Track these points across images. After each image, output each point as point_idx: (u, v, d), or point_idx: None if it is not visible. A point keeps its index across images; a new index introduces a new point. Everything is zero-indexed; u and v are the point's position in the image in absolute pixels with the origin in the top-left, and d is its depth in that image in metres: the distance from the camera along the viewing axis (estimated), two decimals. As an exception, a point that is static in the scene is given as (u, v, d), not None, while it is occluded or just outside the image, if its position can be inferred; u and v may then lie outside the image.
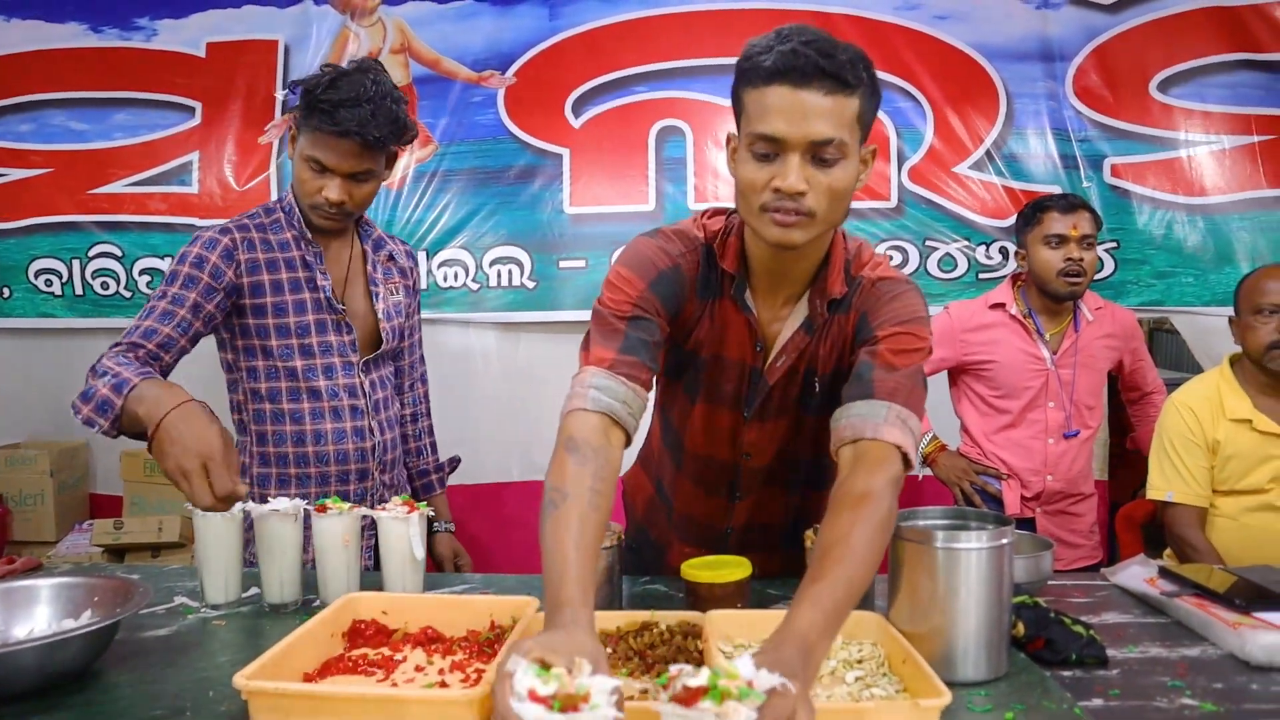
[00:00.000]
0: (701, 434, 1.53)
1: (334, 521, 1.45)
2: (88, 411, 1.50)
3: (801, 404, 1.47)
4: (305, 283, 1.80)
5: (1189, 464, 2.10)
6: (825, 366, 1.42)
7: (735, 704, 0.74)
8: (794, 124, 1.17)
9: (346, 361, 1.84)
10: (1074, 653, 1.24)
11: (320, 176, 1.71)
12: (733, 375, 1.45)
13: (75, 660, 1.17)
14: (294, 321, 1.79)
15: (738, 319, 1.41)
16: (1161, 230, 3.38)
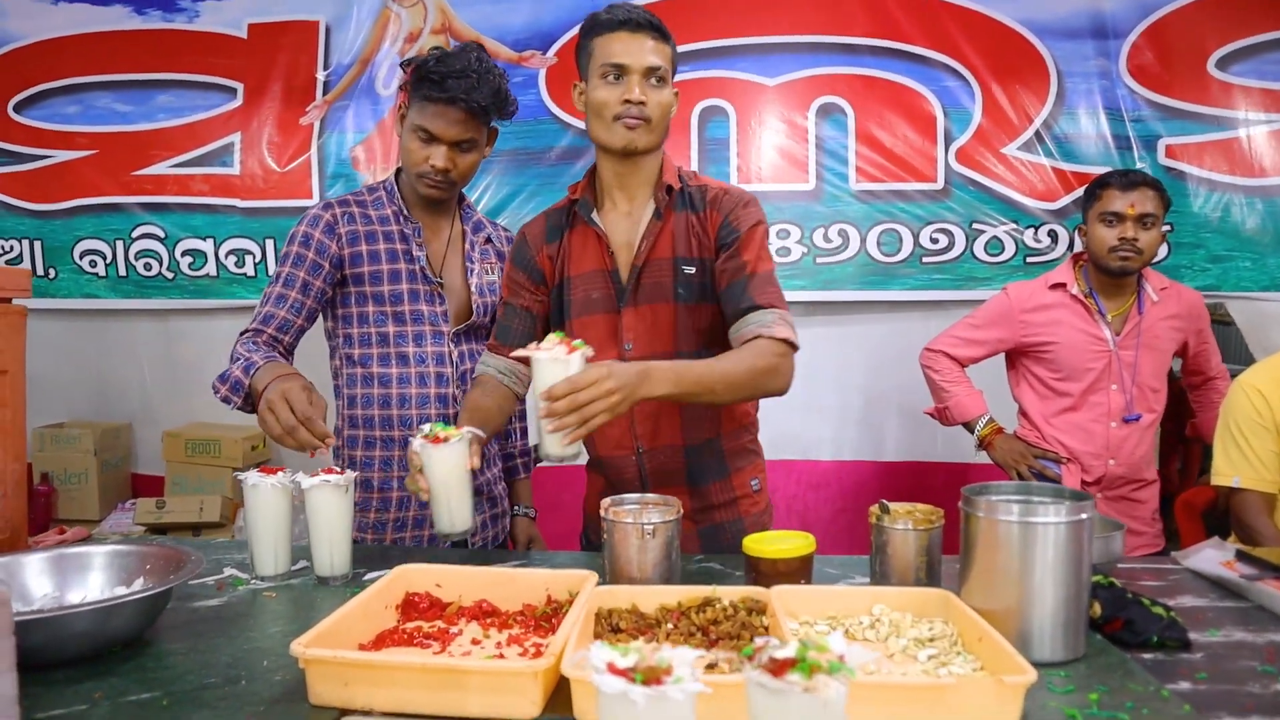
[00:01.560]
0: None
1: (453, 450, 1.42)
2: (225, 390, 1.67)
3: (675, 293, 1.65)
4: (402, 254, 1.87)
5: (1256, 448, 2.02)
6: (688, 253, 1.65)
7: (825, 678, 0.69)
8: (635, 56, 1.58)
9: (437, 331, 1.89)
10: (1155, 635, 1.18)
11: (427, 145, 1.79)
12: (598, 282, 1.68)
13: (128, 626, 1.15)
14: (389, 290, 1.86)
15: (589, 237, 1.68)
16: (1218, 213, 3.29)
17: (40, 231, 3.65)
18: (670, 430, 1.69)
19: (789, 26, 3.35)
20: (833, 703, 0.69)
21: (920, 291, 3.32)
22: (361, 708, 1.00)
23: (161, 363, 3.75)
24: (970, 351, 2.44)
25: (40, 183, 3.64)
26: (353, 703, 1.00)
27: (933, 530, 1.32)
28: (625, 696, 0.68)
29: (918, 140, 3.33)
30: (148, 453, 3.85)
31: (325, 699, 1.01)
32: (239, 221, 3.56)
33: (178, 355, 3.72)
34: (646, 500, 1.36)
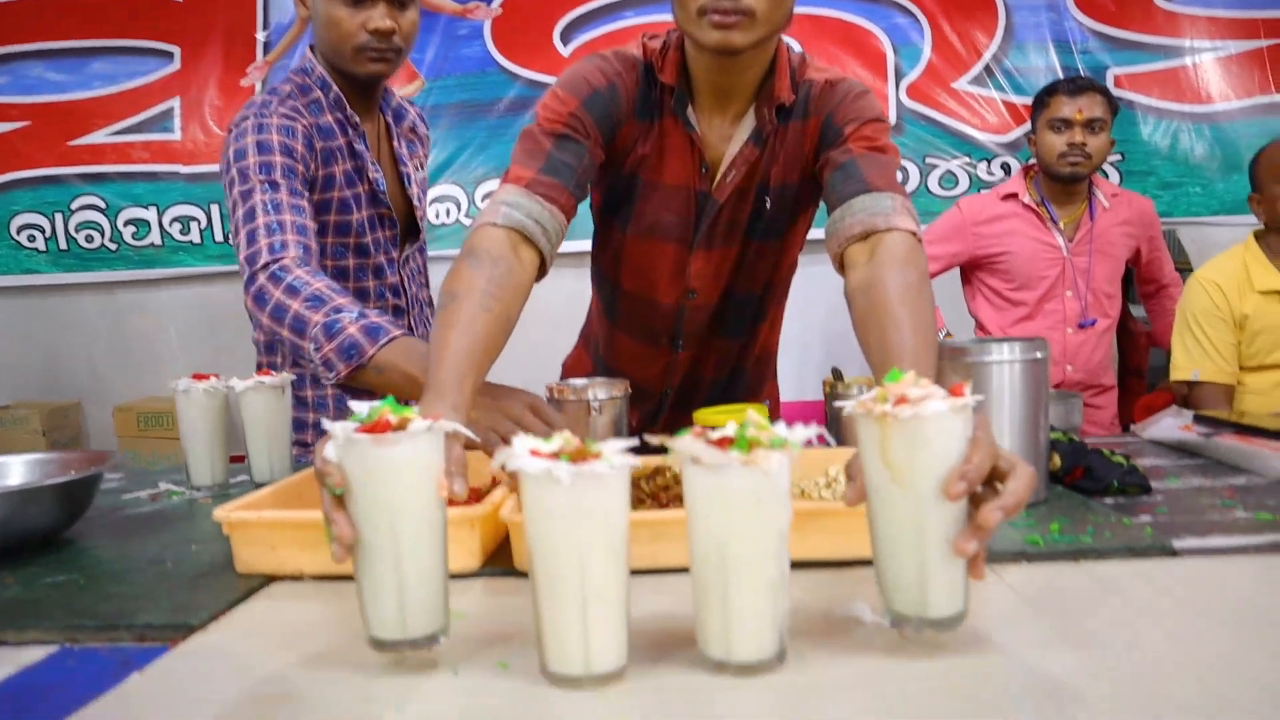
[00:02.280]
0: (640, 272, 1.41)
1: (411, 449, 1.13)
2: (330, 351, 1.21)
3: (749, 229, 1.36)
4: (358, 175, 1.59)
5: (1215, 340, 2.02)
6: (778, 180, 1.32)
7: (766, 451, 0.65)
8: None
9: (390, 259, 1.67)
10: (1115, 480, 1.16)
11: (358, 9, 1.49)
12: (676, 202, 1.33)
13: (48, 517, 1.09)
14: (353, 219, 1.59)
15: (680, 139, 1.30)
16: (1167, 141, 3.31)
17: (-26, 207, 3.53)
18: (707, 370, 1.52)
19: (735, -33, 3.31)
20: (775, 474, 0.65)
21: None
22: (290, 572, 0.95)
23: (109, 337, 3.65)
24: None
25: (-28, 156, 3.52)
26: (281, 568, 0.95)
27: (888, 396, 1.28)
28: (550, 477, 0.63)
29: (868, 78, 3.31)
30: (99, 430, 3.74)
31: (252, 565, 0.95)
32: (182, 188, 3.47)
33: (126, 328, 3.62)
34: (594, 380, 1.32)
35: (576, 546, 0.64)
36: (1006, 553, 0.93)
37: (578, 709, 0.64)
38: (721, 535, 0.65)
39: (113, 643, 0.82)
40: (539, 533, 0.65)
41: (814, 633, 0.75)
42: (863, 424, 0.69)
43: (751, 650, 0.67)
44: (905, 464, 0.68)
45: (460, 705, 0.65)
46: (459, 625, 0.81)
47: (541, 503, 0.65)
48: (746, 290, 1.44)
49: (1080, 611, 0.79)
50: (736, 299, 1.44)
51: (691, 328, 1.45)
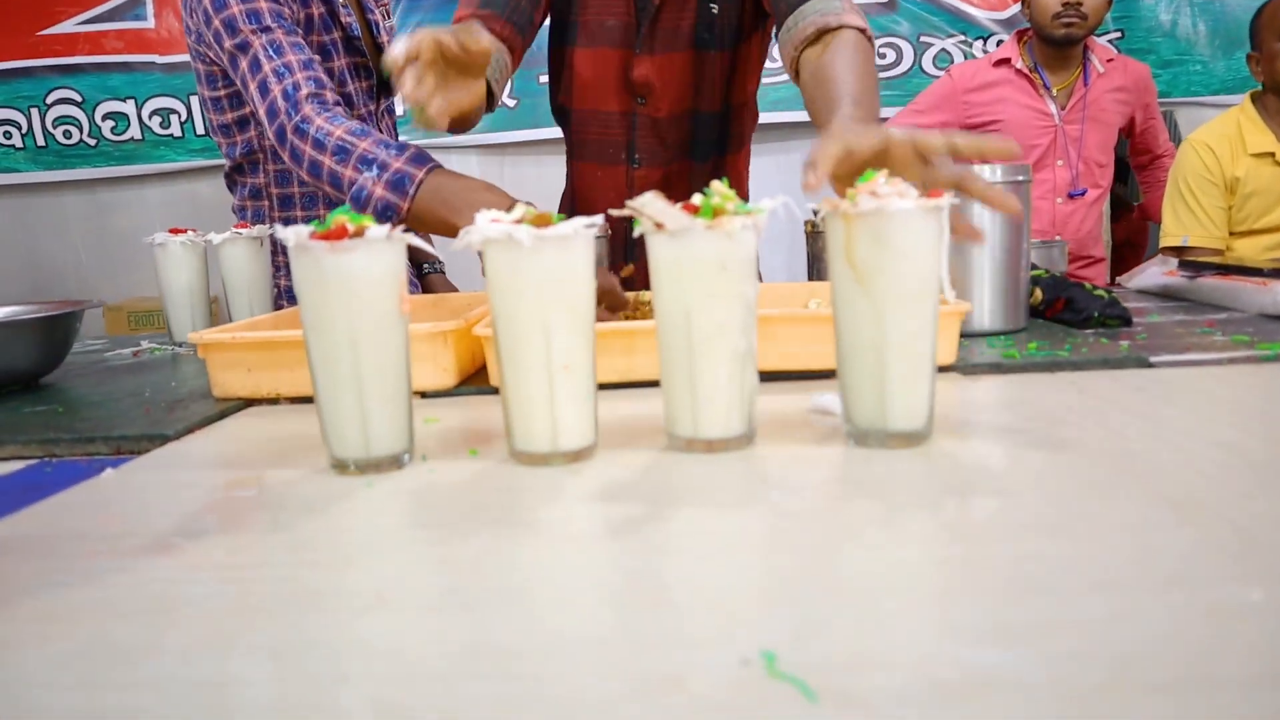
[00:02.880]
0: (588, 85, 1.39)
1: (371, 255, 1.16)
2: (382, 191, 1.13)
3: (697, 36, 1.35)
4: (331, 18, 1.52)
5: (1205, 205, 2.00)
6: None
7: (731, 217, 0.64)
8: None
9: (369, 111, 1.61)
10: (1096, 311, 1.15)
11: None
12: (617, 6, 1.33)
13: (26, 357, 1.08)
14: (334, 68, 1.53)
15: None
16: (1169, 17, 3.22)
17: (-56, 103, 3.45)
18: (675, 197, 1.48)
19: None
20: (739, 238, 0.64)
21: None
22: (268, 395, 0.95)
23: (94, 236, 3.61)
24: (916, 139, 2.38)
25: (-63, 50, 3.42)
26: (258, 390, 0.95)
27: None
28: (511, 240, 0.62)
29: (861, -48, 3.20)
30: (90, 330, 3.71)
31: (229, 389, 0.95)
32: (159, 79, 3.39)
33: (111, 227, 3.57)
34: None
35: (541, 314, 0.63)
36: (981, 365, 0.93)
37: (545, 483, 0.64)
38: (686, 304, 0.64)
39: (90, 456, 0.82)
40: (503, 301, 0.64)
41: (782, 423, 0.76)
42: (830, 223, 0.67)
43: (719, 427, 0.67)
44: (868, 262, 0.64)
45: (427, 481, 0.66)
46: (431, 428, 0.81)
47: (504, 269, 0.64)
48: (707, 108, 1.42)
49: (1048, 406, 0.79)
50: (693, 113, 1.41)
51: (647, 140, 1.43)
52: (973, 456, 0.65)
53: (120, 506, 0.65)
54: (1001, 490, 0.57)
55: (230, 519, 0.60)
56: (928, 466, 0.63)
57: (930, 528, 0.51)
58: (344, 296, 0.65)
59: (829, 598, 0.43)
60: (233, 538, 0.56)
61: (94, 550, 0.55)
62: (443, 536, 0.55)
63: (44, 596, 0.49)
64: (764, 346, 0.88)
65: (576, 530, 0.55)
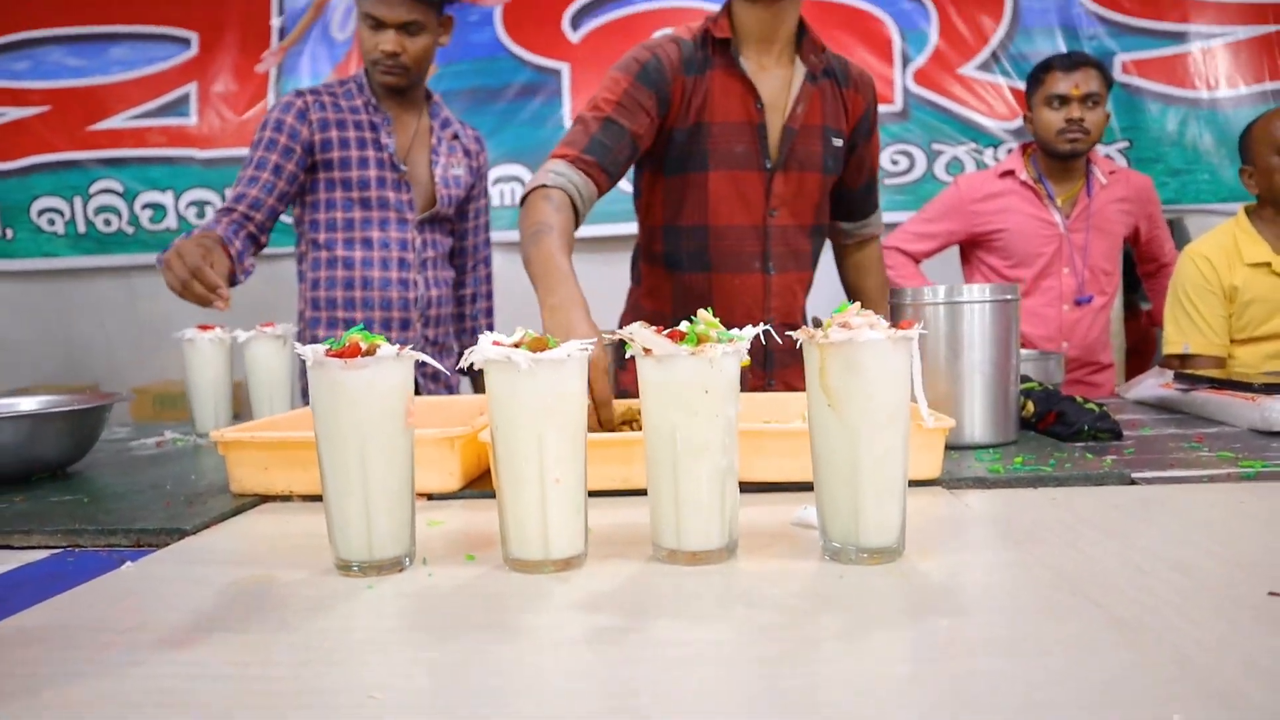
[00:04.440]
0: (725, 201, 1.57)
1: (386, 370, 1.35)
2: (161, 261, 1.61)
3: (824, 163, 1.59)
4: (371, 142, 1.91)
5: (1205, 313, 2.04)
6: (837, 124, 1.60)
7: (714, 344, 0.69)
8: None
9: (402, 218, 1.93)
10: (1086, 425, 1.19)
11: (376, 33, 1.83)
12: (742, 135, 1.55)
13: (56, 448, 1.14)
14: (356, 175, 1.90)
15: (733, 83, 1.52)
16: (1175, 127, 3.31)
17: (-5, 190, 3.61)
18: (799, 306, 1.68)
19: (742, -46, 3.35)
20: (721, 364, 0.68)
21: (882, 213, 3.32)
22: (281, 492, 0.99)
23: (126, 320, 3.72)
24: (923, 245, 2.45)
25: (-7, 140, 3.60)
26: (273, 488, 0.99)
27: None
28: (509, 363, 0.67)
29: (875, 63, 3.33)
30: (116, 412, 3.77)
31: (246, 485, 1.00)
32: (198, 172, 3.54)
33: (142, 312, 3.68)
34: (582, 333, 1.35)
35: (535, 431, 0.68)
36: (966, 479, 0.96)
37: (535, 589, 0.67)
38: (672, 423, 0.69)
39: (111, 547, 0.87)
40: (501, 419, 0.69)
41: (764, 535, 0.79)
42: (806, 350, 0.72)
43: (701, 539, 0.71)
44: (840, 389, 0.68)
45: (426, 584, 0.69)
46: (435, 530, 0.85)
47: (502, 389, 0.69)
48: (823, 222, 1.67)
49: (1025, 523, 0.82)
50: (810, 227, 1.64)
51: (778, 247, 1.61)
52: (941, 574, 0.68)
53: (137, 600, 0.69)
54: (960, 608, 0.60)
55: (239, 616, 0.64)
56: (896, 582, 0.66)
57: (887, 644, 0.55)
58: (355, 409, 0.70)
59: (788, 711, 0.46)
60: (240, 635, 0.60)
61: (111, 642, 0.59)
62: (434, 640, 0.58)
63: (64, 686, 0.53)
64: (751, 460, 0.92)
65: (560, 637, 0.58)
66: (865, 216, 1.76)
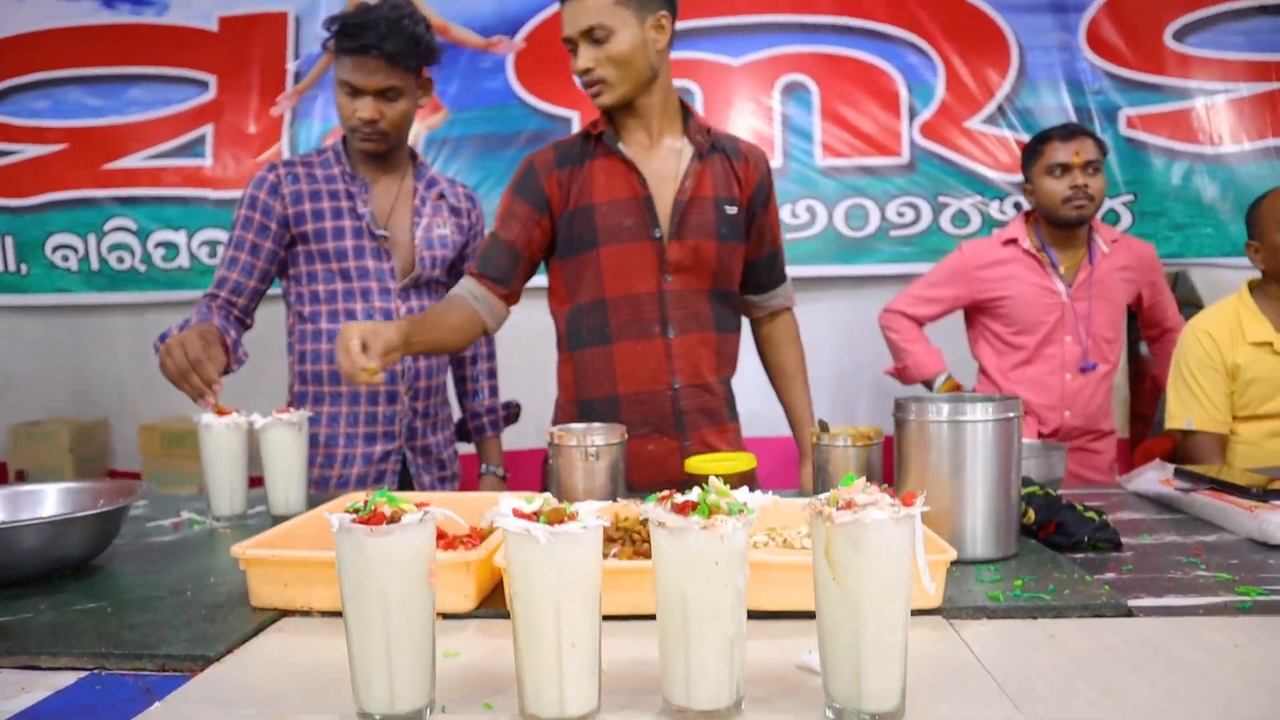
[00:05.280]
0: (619, 273, 1.67)
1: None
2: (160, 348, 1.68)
3: (718, 230, 1.68)
4: (347, 211, 1.90)
5: (1208, 389, 2.06)
6: (730, 193, 1.70)
7: (724, 517, 0.72)
8: (571, 25, 1.60)
9: (384, 288, 1.92)
10: (1086, 536, 1.21)
11: (354, 99, 1.82)
12: (629, 210, 1.67)
13: (78, 547, 1.17)
14: (333, 247, 1.89)
15: (616, 165, 1.67)
16: (1179, 181, 3.34)
17: (11, 227, 3.65)
18: (708, 366, 1.73)
19: (753, 7, 3.40)
20: (730, 538, 0.71)
21: (888, 265, 3.36)
22: (300, 607, 1.02)
23: (137, 356, 3.74)
24: (927, 310, 2.48)
25: (11, 178, 3.64)
26: (292, 603, 1.02)
27: (872, 446, 1.35)
28: (528, 535, 0.70)
29: (882, 116, 3.37)
30: (124, 448, 3.85)
31: (266, 600, 1.03)
32: (211, 212, 3.58)
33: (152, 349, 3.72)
34: (593, 427, 1.39)
35: (553, 599, 0.71)
36: (968, 608, 0.99)
37: (551, 750, 0.70)
38: (683, 591, 0.72)
39: (137, 671, 0.90)
40: (520, 586, 0.72)
41: (771, 681, 0.82)
42: (813, 522, 0.75)
43: (710, 698, 0.73)
44: (845, 566, 0.71)
45: (445, 743, 0.72)
46: (450, 664, 0.88)
47: (521, 558, 0.72)
48: (724, 287, 1.73)
49: (1021, 666, 0.84)
50: (706, 292, 1.71)
51: (676, 311, 1.69)
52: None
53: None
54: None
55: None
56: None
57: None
58: (379, 573, 0.73)
59: None
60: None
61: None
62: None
63: None
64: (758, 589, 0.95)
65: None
66: (772, 288, 1.83)
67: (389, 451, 1.92)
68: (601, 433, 1.35)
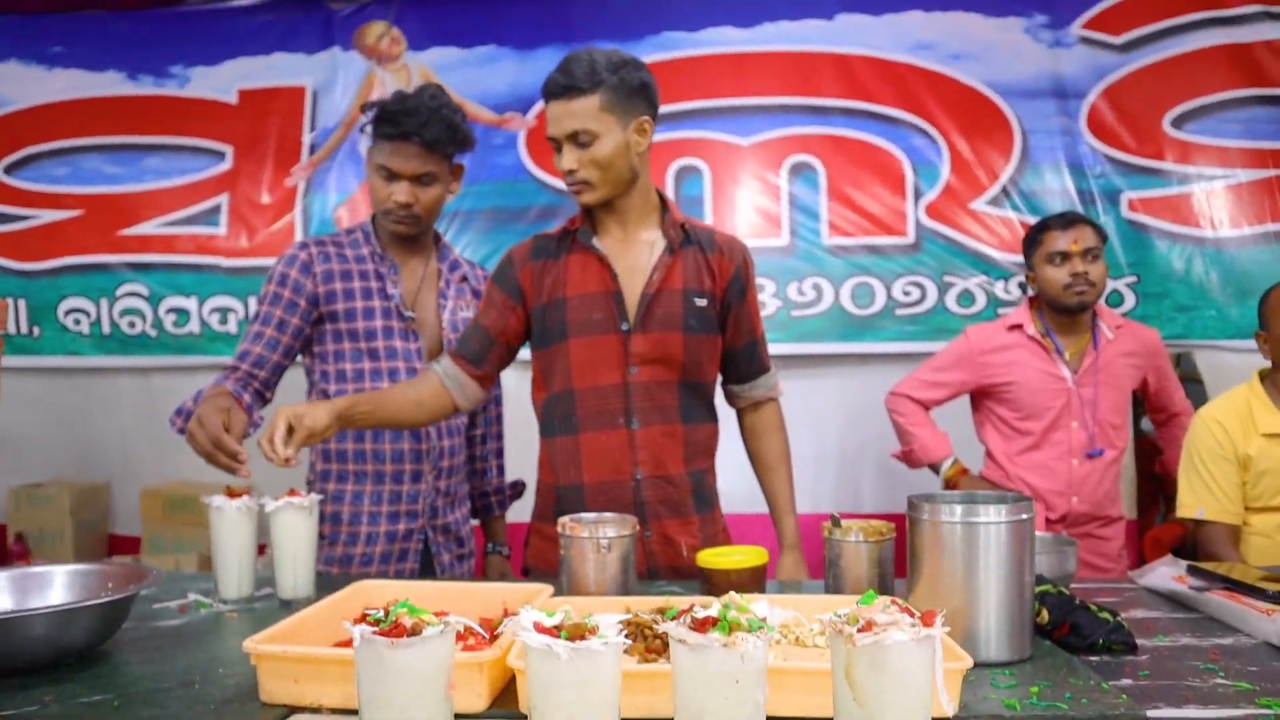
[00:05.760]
0: (586, 364, 1.71)
1: None
2: (180, 422, 1.77)
3: (685, 322, 1.71)
4: (376, 292, 1.93)
5: (1219, 479, 2.06)
6: (700, 285, 1.72)
7: (744, 634, 0.72)
8: (558, 125, 1.64)
9: (411, 368, 1.93)
10: (1101, 638, 1.20)
11: (389, 183, 1.86)
12: (600, 304, 1.71)
13: (85, 635, 1.16)
14: (363, 326, 1.91)
15: (589, 260, 1.72)
16: (1182, 264, 3.37)
17: (25, 290, 3.68)
18: (672, 458, 1.73)
19: (761, 89, 3.47)
20: (751, 656, 0.71)
21: (894, 343, 3.38)
22: (311, 704, 1.01)
23: (142, 420, 3.75)
24: (933, 394, 2.49)
25: (27, 242, 3.69)
26: (302, 699, 1.01)
27: (884, 542, 1.34)
28: (550, 651, 0.70)
29: (888, 196, 3.42)
30: (126, 512, 3.83)
31: (276, 696, 1.02)
32: (223, 280, 3.61)
33: (159, 412, 3.66)
34: (604, 518, 1.39)
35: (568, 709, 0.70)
36: (984, 716, 0.98)
37: None
38: (702, 707, 0.71)
39: (142, 772, 0.88)
40: (538, 700, 0.72)
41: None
42: (833, 641, 0.75)
43: (729, 819, 0.72)
44: (866, 687, 0.72)
45: None
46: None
47: (541, 673, 0.72)
48: (694, 379, 1.75)
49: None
50: (673, 384, 1.73)
51: (641, 403, 1.71)
52: None
53: None
54: None
55: None
56: None
57: None
58: (399, 684, 0.73)
59: None
60: None
61: None
62: None
63: None
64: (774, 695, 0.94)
65: None
66: (753, 378, 1.84)
67: (412, 530, 1.92)
68: (614, 524, 1.35)
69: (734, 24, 3.50)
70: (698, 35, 3.51)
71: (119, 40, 3.70)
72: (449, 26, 3.62)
